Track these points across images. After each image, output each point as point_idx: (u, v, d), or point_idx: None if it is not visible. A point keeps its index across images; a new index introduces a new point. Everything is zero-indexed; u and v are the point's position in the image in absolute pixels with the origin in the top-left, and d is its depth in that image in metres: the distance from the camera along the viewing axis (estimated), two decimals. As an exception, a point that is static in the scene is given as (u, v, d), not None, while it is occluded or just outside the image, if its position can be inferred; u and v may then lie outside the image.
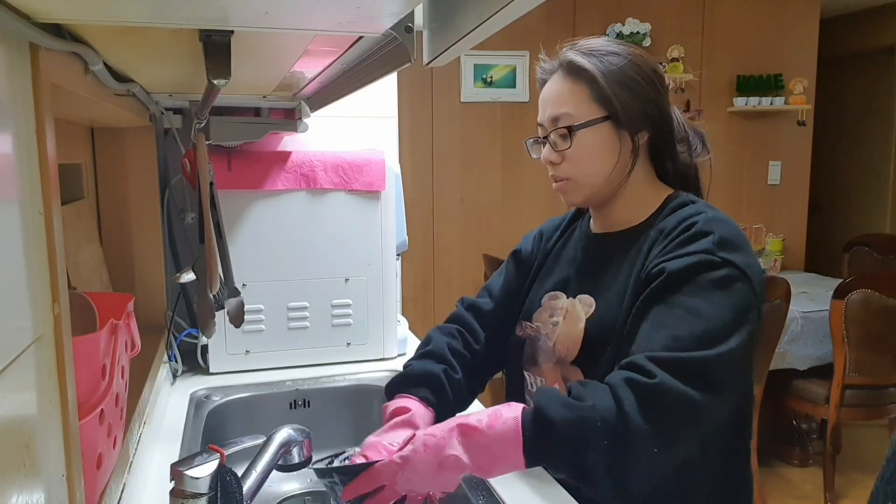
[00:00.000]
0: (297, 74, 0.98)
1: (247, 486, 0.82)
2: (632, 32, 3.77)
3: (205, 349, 1.51)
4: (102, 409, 0.73)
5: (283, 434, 0.92)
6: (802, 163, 4.18)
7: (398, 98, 1.77)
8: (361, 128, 1.71)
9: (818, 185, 4.48)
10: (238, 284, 1.28)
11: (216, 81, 0.64)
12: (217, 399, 1.39)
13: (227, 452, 0.79)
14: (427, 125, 3.72)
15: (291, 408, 1.45)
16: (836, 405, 2.70)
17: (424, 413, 0.98)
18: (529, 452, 0.79)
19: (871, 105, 4.84)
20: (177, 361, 1.49)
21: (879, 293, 2.62)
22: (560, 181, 1.02)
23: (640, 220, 1.01)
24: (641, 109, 0.98)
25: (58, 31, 0.59)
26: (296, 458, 0.93)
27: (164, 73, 0.99)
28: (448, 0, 0.63)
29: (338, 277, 1.54)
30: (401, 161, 1.79)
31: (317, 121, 1.50)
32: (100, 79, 0.78)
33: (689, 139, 1.05)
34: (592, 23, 3.76)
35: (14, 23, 0.48)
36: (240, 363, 1.52)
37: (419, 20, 0.69)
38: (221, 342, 1.50)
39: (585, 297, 1.01)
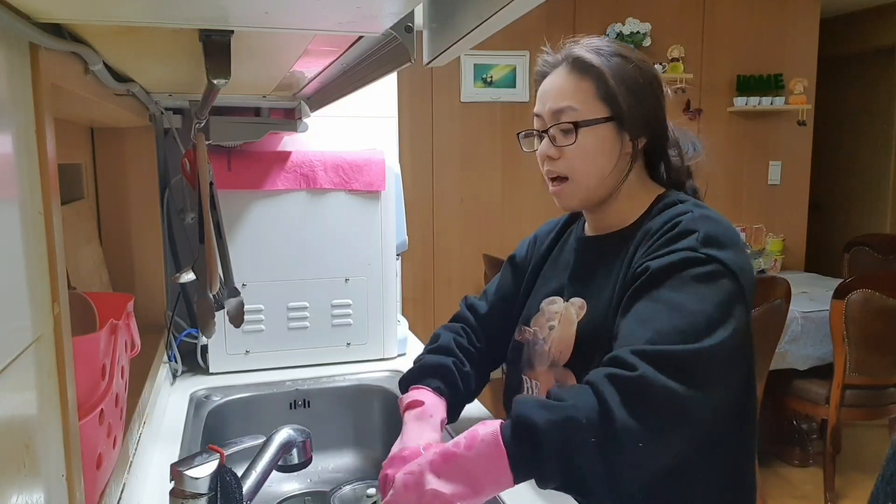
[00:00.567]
0: (297, 74, 0.98)
1: (247, 487, 0.82)
2: (632, 32, 3.77)
3: (205, 349, 1.51)
4: (102, 410, 0.73)
5: (283, 434, 0.92)
6: (803, 163, 4.18)
7: (398, 98, 1.77)
8: (361, 128, 1.71)
9: (818, 185, 4.49)
10: (238, 284, 1.28)
11: (216, 81, 0.64)
12: (217, 399, 1.39)
13: (227, 452, 0.79)
14: (427, 125, 3.72)
15: (291, 408, 1.45)
16: (837, 405, 2.70)
17: (437, 402, 1.03)
18: (515, 464, 0.77)
19: (871, 105, 4.84)
20: (177, 361, 1.48)
21: (880, 293, 2.62)
22: (555, 179, 1.01)
23: (631, 222, 1.01)
24: (643, 115, 0.98)
25: (58, 31, 0.59)
26: (296, 459, 0.93)
27: (164, 73, 0.99)
28: (448, 0, 0.63)
29: (338, 277, 1.54)
30: (401, 161, 1.79)
31: (317, 121, 1.50)
32: (100, 79, 0.78)
33: (680, 143, 1.05)
34: (592, 22, 3.76)
35: (14, 23, 0.48)
36: (240, 363, 1.52)
37: (419, 20, 0.68)
38: (221, 342, 1.50)
39: (577, 301, 1.01)
